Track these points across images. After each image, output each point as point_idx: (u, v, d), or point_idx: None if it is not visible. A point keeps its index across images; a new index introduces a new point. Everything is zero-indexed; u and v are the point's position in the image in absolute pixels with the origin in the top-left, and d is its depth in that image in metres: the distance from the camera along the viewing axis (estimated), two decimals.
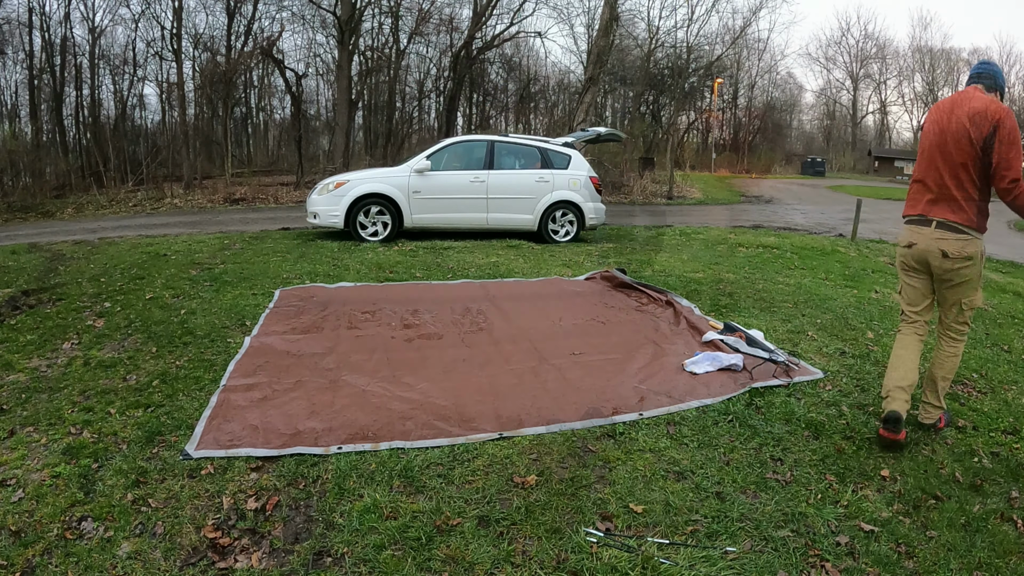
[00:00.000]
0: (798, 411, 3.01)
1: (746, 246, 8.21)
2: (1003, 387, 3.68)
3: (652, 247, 8.05)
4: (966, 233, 2.72)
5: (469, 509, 2.21)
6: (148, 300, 4.73)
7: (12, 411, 2.91)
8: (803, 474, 2.53)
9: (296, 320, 4.19)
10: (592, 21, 28.54)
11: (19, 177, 16.04)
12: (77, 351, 3.69)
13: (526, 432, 2.73)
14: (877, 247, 9.42)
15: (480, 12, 21.58)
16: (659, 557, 2.00)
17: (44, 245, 7.88)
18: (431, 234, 8.00)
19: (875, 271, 7.04)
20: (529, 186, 8.12)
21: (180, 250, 7.00)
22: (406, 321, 4.18)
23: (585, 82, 17.69)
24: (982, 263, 2.80)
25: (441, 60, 26.18)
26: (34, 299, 4.88)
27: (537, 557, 1.99)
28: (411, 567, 1.93)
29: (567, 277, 5.85)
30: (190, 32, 22.79)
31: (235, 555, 1.98)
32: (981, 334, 4.83)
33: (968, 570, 2.06)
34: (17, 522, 2.09)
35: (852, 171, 42.96)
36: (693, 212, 15.51)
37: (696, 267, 6.42)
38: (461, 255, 6.73)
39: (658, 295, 4.95)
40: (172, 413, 2.85)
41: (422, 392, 3.10)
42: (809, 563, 2.02)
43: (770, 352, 3.68)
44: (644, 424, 2.85)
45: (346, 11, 17.56)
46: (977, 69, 2.85)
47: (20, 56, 21.49)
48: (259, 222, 10.79)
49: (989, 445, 2.91)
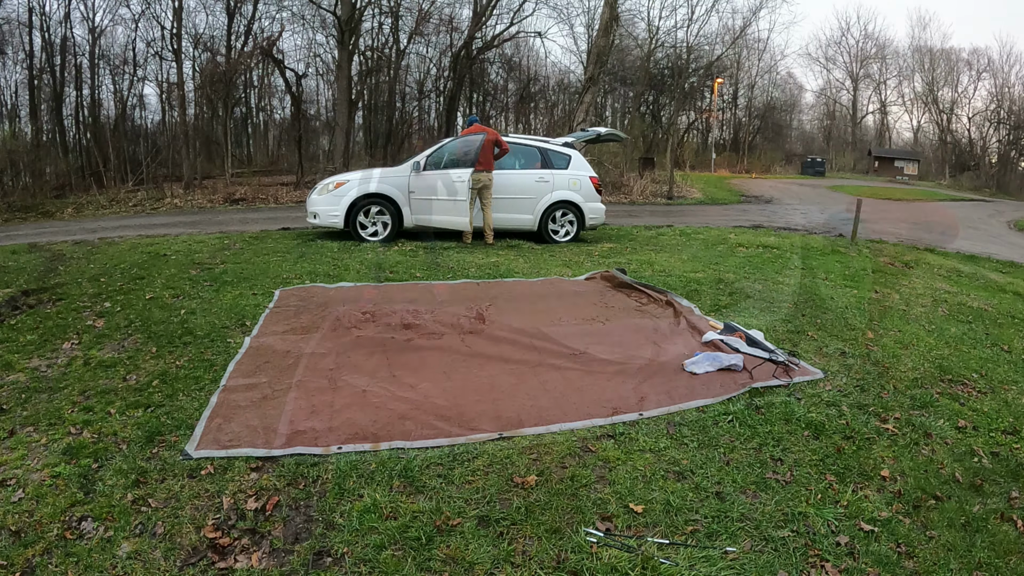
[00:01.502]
0: (798, 411, 3.01)
1: (746, 246, 8.21)
2: (1003, 387, 3.68)
3: (652, 247, 8.04)
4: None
5: (469, 509, 2.21)
6: (148, 300, 4.73)
7: (12, 411, 2.91)
8: (803, 474, 2.52)
9: (296, 320, 4.19)
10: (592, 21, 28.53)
11: (19, 177, 16.04)
12: (77, 351, 3.69)
13: (526, 432, 2.73)
14: (877, 247, 9.42)
15: (480, 12, 21.57)
16: (659, 557, 2.00)
17: (44, 245, 7.88)
18: (431, 234, 7.99)
19: (875, 271, 7.04)
20: (529, 186, 8.11)
21: (180, 250, 6.99)
22: (405, 321, 4.18)
23: (585, 82, 17.68)
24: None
25: (441, 60, 26.18)
26: (34, 299, 4.88)
27: (537, 557, 1.99)
28: (411, 567, 1.93)
29: (567, 277, 5.85)
30: (190, 32, 22.77)
31: (235, 555, 1.98)
32: (981, 334, 4.84)
33: (968, 570, 2.06)
34: (17, 522, 2.09)
35: (852, 171, 42.92)
36: (693, 212, 15.50)
37: (696, 267, 6.42)
38: (461, 255, 6.73)
39: (658, 295, 4.95)
40: (172, 413, 2.85)
41: (422, 392, 3.10)
42: (809, 563, 2.02)
43: (770, 352, 3.68)
44: (644, 424, 2.84)
45: (346, 11, 17.55)
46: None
47: (20, 56, 21.47)
48: (259, 222, 10.78)
49: (989, 445, 2.91)
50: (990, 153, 42.17)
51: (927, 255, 9.24)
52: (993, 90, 42.29)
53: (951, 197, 27.81)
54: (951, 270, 7.95)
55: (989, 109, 42.02)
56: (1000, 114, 41.08)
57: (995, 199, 29.78)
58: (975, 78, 43.55)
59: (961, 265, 8.66)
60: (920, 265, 7.94)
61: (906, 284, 6.50)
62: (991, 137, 42.30)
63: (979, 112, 43.01)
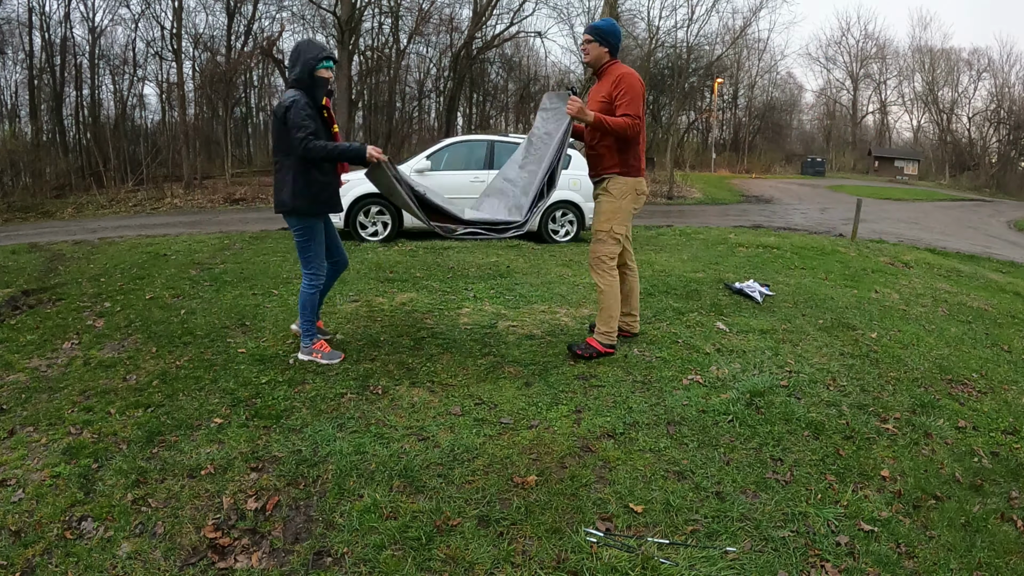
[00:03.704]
0: (798, 411, 3.01)
1: (746, 246, 8.21)
2: (1003, 387, 3.68)
3: (652, 247, 8.04)
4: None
5: (469, 509, 2.21)
6: (148, 300, 4.73)
7: (12, 411, 2.91)
8: (803, 474, 2.52)
9: None
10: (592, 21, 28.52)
11: (19, 177, 16.06)
12: (77, 351, 3.69)
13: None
14: (877, 247, 9.42)
15: (480, 12, 21.59)
16: (659, 557, 2.00)
17: (44, 245, 7.88)
18: (431, 234, 7.99)
19: (875, 271, 7.04)
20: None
21: (180, 250, 7.00)
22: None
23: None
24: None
25: (441, 60, 26.19)
26: (34, 299, 4.89)
27: (537, 557, 1.99)
28: (411, 567, 1.93)
29: (567, 277, 5.85)
30: (190, 32, 22.79)
31: (235, 555, 1.99)
32: (981, 334, 4.84)
33: (968, 570, 2.06)
34: (17, 522, 2.09)
35: (852, 171, 42.95)
36: (693, 212, 15.52)
37: (696, 267, 6.42)
38: (461, 255, 6.73)
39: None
40: (172, 413, 2.85)
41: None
42: (809, 563, 2.02)
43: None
44: (644, 424, 2.85)
45: (346, 11, 17.56)
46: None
47: (20, 56, 21.49)
48: (259, 222, 10.79)
49: (989, 445, 2.91)
50: (990, 153, 42.22)
51: (927, 255, 9.24)
52: (993, 90, 42.37)
53: (951, 197, 27.83)
54: (951, 270, 7.95)
55: (989, 109, 42.07)
56: (1000, 114, 41.12)
57: (995, 199, 29.80)
58: (975, 78, 43.62)
59: (961, 265, 8.66)
60: (920, 265, 7.94)
61: (906, 284, 6.50)
62: (991, 137, 42.35)
63: (979, 112, 43.07)
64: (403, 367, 3.41)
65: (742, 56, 39.27)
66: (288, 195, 3.23)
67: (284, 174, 3.24)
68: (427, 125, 28.54)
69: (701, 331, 4.15)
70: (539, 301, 4.84)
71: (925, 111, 46.34)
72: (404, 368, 3.40)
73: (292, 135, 3.10)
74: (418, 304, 4.66)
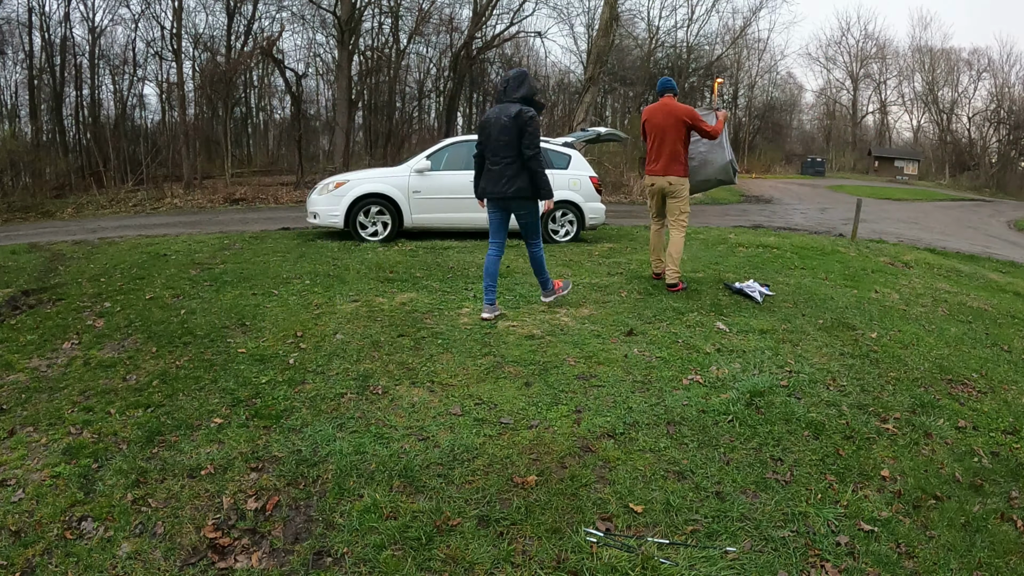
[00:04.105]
0: (798, 411, 3.01)
1: (746, 246, 8.21)
2: (1003, 387, 3.68)
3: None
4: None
5: (469, 509, 2.21)
6: (148, 300, 4.73)
7: (12, 411, 2.91)
8: (803, 474, 2.53)
9: None
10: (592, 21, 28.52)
11: (19, 177, 16.06)
12: (77, 351, 3.69)
13: None
14: (877, 247, 9.42)
15: (480, 12, 21.59)
16: (659, 557, 2.00)
17: (44, 245, 7.88)
18: (431, 234, 8.00)
19: (875, 271, 7.04)
20: None
21: (180, 250, 7.00)
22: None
23: (585, 82, 17.69)
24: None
25: (441, 60, 26.18)
26: (34, 299, 4.89)
27: (537, 557, 1.99)
28: (411, 567, 1.93)
29: (567, 277, 5.84)
30: (190, 32, 22.79)
31: (235, 555, 1.99)
32: (981, 334, 4.84)
33: (968, 570, 2.06)
34: (17, 522, 2.09)
35: (852, 171, 42.95)
36: (693, 212, 15.47)
37: (696, 267, 6.42)
38: (461, 255, 6.73)
39: None
40: (172, 413, 2.85)
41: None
42: (809, 563, 2.02)
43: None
44: (644, 424, 2.85)
45: (346, 11, 17.56)
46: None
47: (20, 56, 21.49)
48: (259, 222, 10.79)
49: (989, 445, 2.91)
50: (990, 153, 42.22)
51: (927, 255, 9.24)
52: (993, 90, 42.35)
53: (951, 197, 27.84)
54: (951, 270, 7.95)
55: (989, 109, 42.07)
56: (1000, 114, 41.12)
57: (995, 199, 29.80)
58: (975, 78, 43.61)
59: (961, 265, 8.66)
60: (920, 265, 7.94)
61: (906, 284, 6.50)
62: (991, 137, 42.35)
63: (979, 112, 43.06)
64: (403, 367, 3.41)
65: (742, 56, 39.29)
66: (526, 185, 4.13)
67: (517, 169, 4.10)
68: (427, 125, 28.53)
69: (701, 331, 4.15)
70: (539, 301, 4.84)
71: (925, 111, 46.36)
72: (404, 368, 3.40)
73: (531, 142, 4.01)
74: (418, 304, 4.66)
